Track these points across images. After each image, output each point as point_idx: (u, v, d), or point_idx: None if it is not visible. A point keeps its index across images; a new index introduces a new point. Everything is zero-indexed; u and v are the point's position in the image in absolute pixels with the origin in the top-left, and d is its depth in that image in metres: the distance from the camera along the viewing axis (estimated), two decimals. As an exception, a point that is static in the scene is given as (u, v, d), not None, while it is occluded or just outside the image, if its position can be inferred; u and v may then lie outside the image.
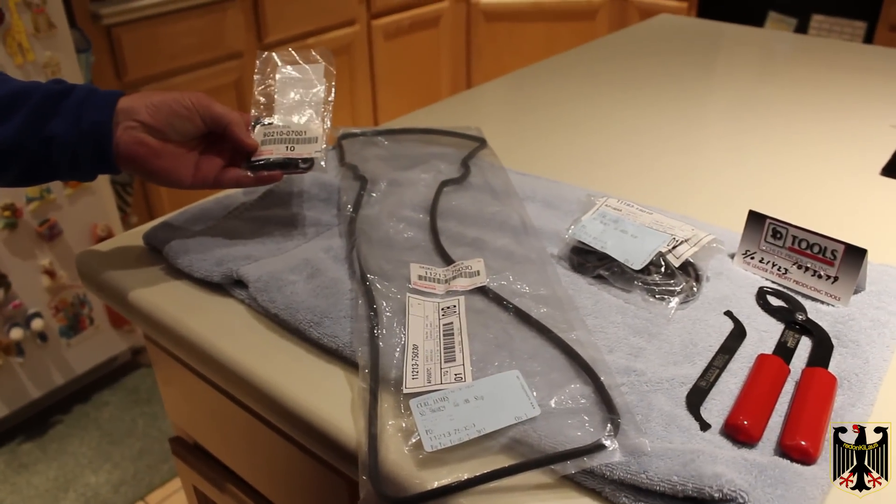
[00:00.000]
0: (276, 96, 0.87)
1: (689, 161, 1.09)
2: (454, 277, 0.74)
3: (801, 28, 2.66)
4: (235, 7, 2.37)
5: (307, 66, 0.89)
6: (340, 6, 2.72)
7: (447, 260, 0.78)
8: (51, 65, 1.80)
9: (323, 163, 0.81)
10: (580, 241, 0.78)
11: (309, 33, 2.65)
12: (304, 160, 0.81)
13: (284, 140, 0.82)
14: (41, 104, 0.71)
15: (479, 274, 0.74)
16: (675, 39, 1.71)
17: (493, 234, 0.82)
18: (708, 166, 1.07)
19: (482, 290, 0.73)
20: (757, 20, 2.74)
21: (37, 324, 1.93)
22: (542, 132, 1.19)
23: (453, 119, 1.21)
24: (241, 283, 0.76)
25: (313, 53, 0.90)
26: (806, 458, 0.55)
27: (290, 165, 0.81)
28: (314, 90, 0.88)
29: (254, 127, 0.83)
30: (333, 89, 0.88)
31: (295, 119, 0.85)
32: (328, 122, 0.86)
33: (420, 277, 0.74)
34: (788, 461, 0.55)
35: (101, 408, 2.14)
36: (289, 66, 0.89)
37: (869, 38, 2.51)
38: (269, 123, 0.84)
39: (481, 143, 1.04)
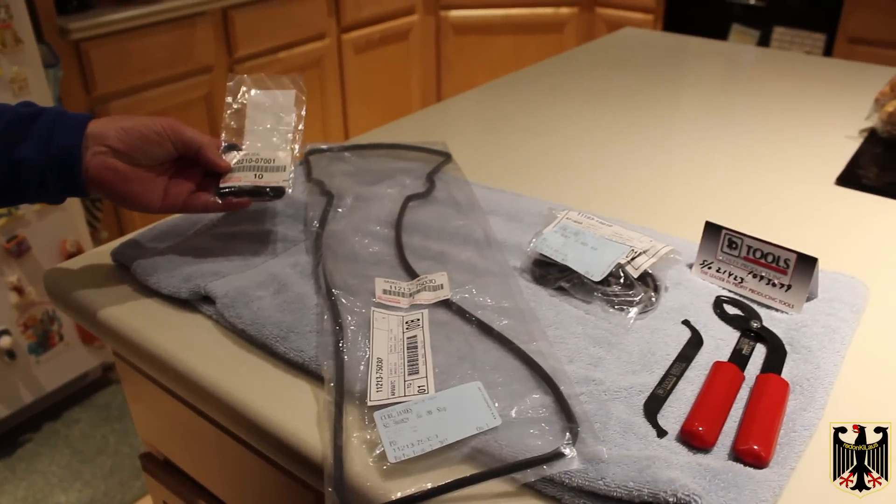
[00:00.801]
0: (246, 122, 0.88)
1: (652, 173, 1.11)
2: (418, 291, 0.75)
3: (764, 40, 2.71)
4: (205, 22, 2.38)
5: (278, 93, 0.90)
6: (310, 20, 2.73)
7: (412, 274, 0.79)
8: (18, 80, 1.80)
9: (289, 191, 0.83)
10: (542, 254, 0.79)
11: (279, 47, 2.66)
12: (273, 188, 0.82)
13: (253, 168, 0.83)
14: (9, 128, 0.71)
15: (442, 287, 0.75)
16: (640, 52, 1.74)
17: (457, 248, 0.83)
18: (670, 178, 1.10)
19: (446, 304, 0.74)
20: (720, 33, 2.80)
21: (5, 341, 1.91)
22: (508, 146, 1.21)
23: (421, 133, 1.23)
24: (208, 299, 0.77)
25: (285, 80, 0.91)
26: (758, 461, 0.57)
27: (258, 193, 0.82)
28: (285, 117, 0.88)
29: (225, 152, 0.84)
30: (304, 117, 0.89)
31: (264, 147, 0.86)
32: (297, 150, 0.87)
33: (385, 291, 0.75)
34: (742, 465, 0.57)
35: (72, 425, 2.12)
36: (260, 92, 0.90)
37: (828, 50, 2.57)
38: (239, 150, 0.85)
39: (446, 157, 1.05)
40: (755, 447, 0.57)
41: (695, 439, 0.59)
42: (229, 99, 0.89)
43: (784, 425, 0.61)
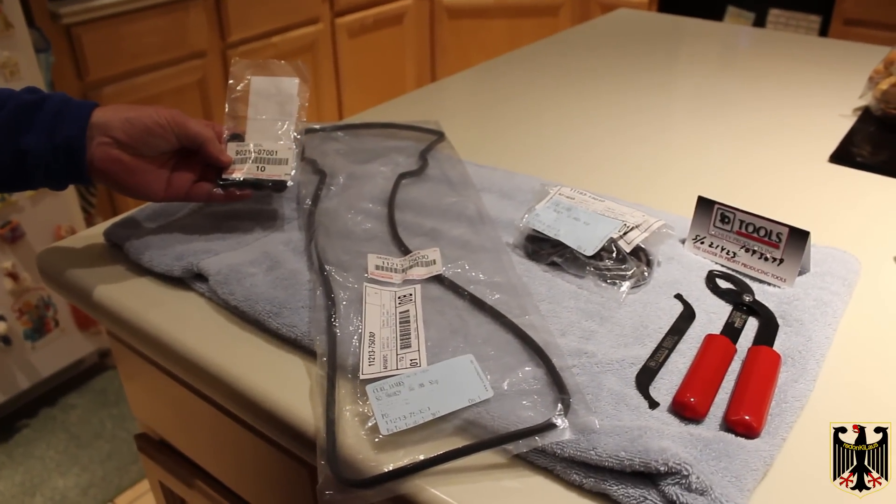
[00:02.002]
0: (249, 110, 0.87)
1: (646, 151, 1.11)
2: (411, 267, 0.75)
3: (759, 21, 2.71)
4: (198, 6, 2.36)
5: (282, 80, 0.89)
6: (304, 5, 2.72)
7: (404, 250, 0.79)
8: (9, 65, 1.79)
9: (290, 184, 0.83)
10: (534, 230, 0.79)
11: (272, 32, 2.65)
12: (274, 182, 0.83)
13: (256, 160, 0.84)
14: (14, 116, 0.71)
15: (435, 263, 0.75)
16: (634, 33, 1.73)
17: (450, 224, 0.83)
18: (664, 157, 1.10)
19: (438, 279, 0.74)
20: (716, 14, 2.79)
21: (0, 327, 1.91)
22: (502, 125, 1.20)
23: (415, 113, 1.22)
24: (201, 277, 0.77)
25: (288, 66, 0.90)
26: (749, 431, 0.57)
27: (260, 186, 0.83)
28: (288, 106, 0.88)
29: (227, 141, 0.84)
30: (306, 107, 0.88)
31: (267, 137, 0.86)
32: (300, 140, 0.87)
33: (377, 267, 0.75)
34: (733, 435, 0.57)
35: (68, 411, 2.12)
36: (263, 79, 0.89)
37: (824, 31, 2.56)
38: (242, 141, 0.85)
39: (439, 136, 1.05)
40: (746, 417, 0.58)
41: (686, 410, 0.59)
42: (231, 83, 0.88)
43: (775, 396, 0.61)
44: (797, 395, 0.62)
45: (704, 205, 0.80)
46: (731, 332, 0.69)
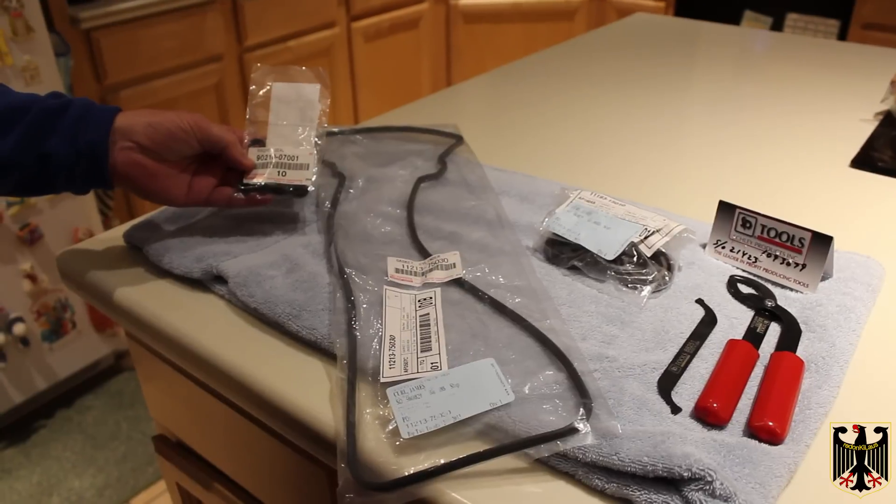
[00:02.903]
0: (270, 116, 0.87)
1: (665, 157, 1.10)
2: (430, 270, 0.75)
3: (777, 26, 2.69)
4: (215, 10, 2.38)
5: (303, 86, 0.89)
6: (320, 9, 2.73)
7: (424, 253, 0.79)
8: (29, 69, 1.80)
9: (312, 189, 0.83)
10: (554, 233, 0.79)
11: (289, 36, 2.66)
12: (295, 187, 0.83)
13: (277, 165, 0.84)
14: (38, 121, 0.72)
15: (454, 266, 0.75)
16: (651, 38, 1.73)
17: (469, 228, 0.83)
18: (683, 162, 1.09)
19: (458, 282, 0.74)
20: (733, 19, 2.78)
21: (18, 328, 1.92)
22: (520, 129, 1.20)
23: (432, 117, 1.22)
24: (220, 279, 0.77)
25: (310, 72, 0.89)
26: (773, 438, 0.57)
27: (281, 191, 0.83)
28: (309, 112, 0.88)
29: (249, 146, 0.84)
30: (327, 112, 0.89)
31: (288, 142, 0.86)
32: (320, 145, 0.87)
33: (397, 270, 0.75)
34: (756, 441, 0.57)
35: (85, 412, 2.13)
36: (284, 85, 0.89)
37: (842, 36, 2.55)
38: (263, 146, 0.85)
39: (458, 139, 1.05)
40: (770, 423, 0.57)
41: (709, 415, 0.59)
42: (253, 88, 0.88)
43: (799, 403, 0.61)
44: (821, 402, 0.61)
45: (725, 209, 0.79)
46: (754, 337, 0.68)
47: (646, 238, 0.76)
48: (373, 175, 0.95)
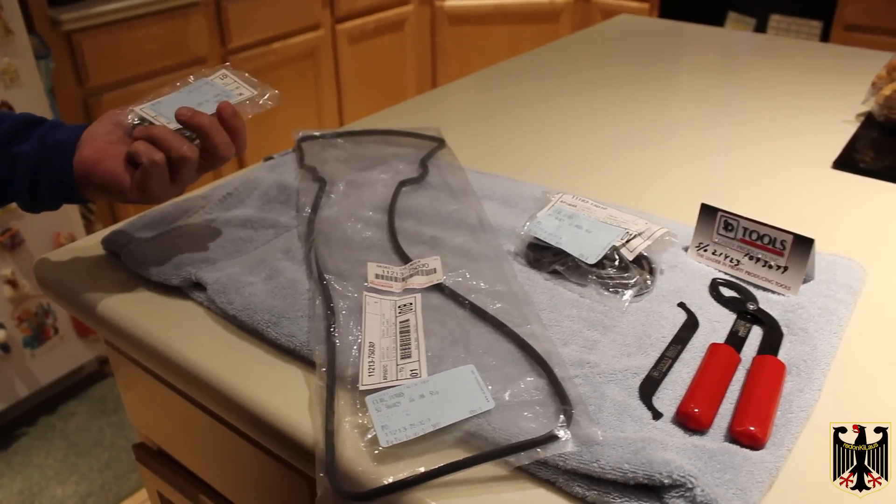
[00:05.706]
0: (173, 93, 0.81)
1: (648, 158, 1.10)
2: (411, 275, 0.74)
3: (760, 28, 2.70)
4: (198, 12, 2.36)
5: (240, 86, 0.79)
6: (304, 11, 2.72)
7: (404, 258, 0.78)
8: (9, 72, 1.78)
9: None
10: (536, 238, 0.78)
11: (273, 38, 2.65)
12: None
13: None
14: (16, 127, 0.73)
15: (435, 272, 0.75)
16: (635, 39, 1.73)
17: (451, 233, 0.83)
18: (666, 163, 1.09)
19: (439, 288, 0.73)
20: (717, 20, 2.78)
21: (-1, 335, 1.90)
22: (503, 131, 1.20)
23: (415, 120, 1.22)
24: (199, 286, 0.76)
25: (267, 86, 0.80)
26: (755, 443, 0.57)
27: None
28: (232, 97, 0.78)
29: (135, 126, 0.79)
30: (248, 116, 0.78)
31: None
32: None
33: (377, 276, 0.75)
34: (738, 446, 0.56)
35: (68, 419, 2.11)
36: (217, 78, 0.80)
37: (825, 37, 2.56)
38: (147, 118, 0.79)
39: (440, 143, 1.04)
40: (751, 428, 0.57)
41: (690, 421, 0.58)
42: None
43: (781, 407, 0.60)
44: (802, 405, 0.61)
45: (708, 212, 0.79)
46: (736, 341, 0.68)
47: (627, 241, 0.76)
48: (354, 179, 0.94)
